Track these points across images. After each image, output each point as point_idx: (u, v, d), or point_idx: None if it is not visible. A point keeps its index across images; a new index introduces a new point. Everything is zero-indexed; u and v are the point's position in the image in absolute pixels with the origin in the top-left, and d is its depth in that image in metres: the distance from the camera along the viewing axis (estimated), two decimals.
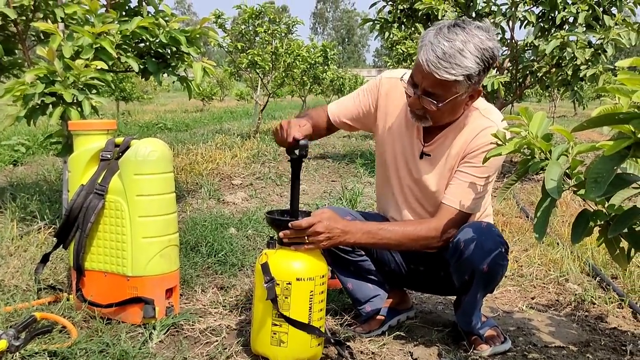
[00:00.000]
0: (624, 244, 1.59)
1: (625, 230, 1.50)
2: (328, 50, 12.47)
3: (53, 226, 3.40)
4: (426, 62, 1.77)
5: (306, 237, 1.81)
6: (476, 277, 1.94)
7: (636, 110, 1.32)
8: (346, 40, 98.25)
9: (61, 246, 2.29)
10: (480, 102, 1.99)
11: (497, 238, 1.94)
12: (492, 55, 1.81)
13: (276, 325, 1.83)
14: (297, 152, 1.85)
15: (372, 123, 2.14)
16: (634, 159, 1.48)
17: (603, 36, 5.53)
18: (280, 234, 1.83)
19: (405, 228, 1.96)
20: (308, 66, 12.69)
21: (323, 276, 1.86)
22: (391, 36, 7.39)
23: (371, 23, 7.19)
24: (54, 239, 2.31)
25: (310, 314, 1.83)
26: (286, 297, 1.80)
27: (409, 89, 1.89)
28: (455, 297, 2.26)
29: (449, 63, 1.75)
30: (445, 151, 2.00)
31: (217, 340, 2.09)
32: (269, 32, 9.25)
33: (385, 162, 2.15)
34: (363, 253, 2.20)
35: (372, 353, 2.06)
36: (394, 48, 9.85)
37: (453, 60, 1.75)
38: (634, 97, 1.25)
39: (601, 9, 5.70)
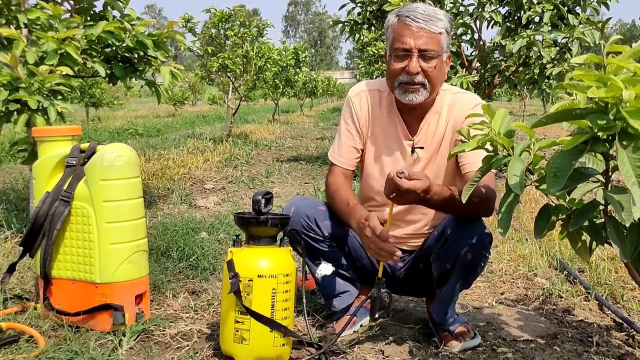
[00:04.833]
0: (586, 237, 1.62)
1: (586, 223, 1.54)
2: (300, 52, 12.47)
3: (20, 235, 3.34)
4: (414, 19, 1.95)
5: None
6: (458, 266, 1.99)
7: (592, 105, 1.35)
8: (318, 42, 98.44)
9: (27, 255, 2.26)
10: (445, 85, 2.15)
11: (483, 228, 2.00)
12: (451, 21, 2.04)
13: (238, 322, 1.84)
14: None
15: (365, 140, 2.23)
16: (592, 153, 1.52)
17: (568, 35, 5.64)
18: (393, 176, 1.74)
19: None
20: (280, 69, 12.69)
21: (287, 275, 1.87)
22: (362, 38, 7.43)
23: (341, 25, 7.21)
24: (21, 247, 2.27)
25: (272, 312, 1.84)
26: (248, 294, 1.83)
27: (400, 59, 1.99)
28: (425, 298, 2.33)
29: (432, 18, 1.97)
30: (432, 134, 2.12)
31: (188, 345, 2.08)
32: (240, 35, 9.18)
33: (371, 170, 2.21)
34: (334, 244, 2.21)
35: (344, 352, 2.07)
36: (365, 49, 9.90)
37: (433, 17, 1.97)
38: (589, 92, 1.27)
39: (566, 8, 5.79)
